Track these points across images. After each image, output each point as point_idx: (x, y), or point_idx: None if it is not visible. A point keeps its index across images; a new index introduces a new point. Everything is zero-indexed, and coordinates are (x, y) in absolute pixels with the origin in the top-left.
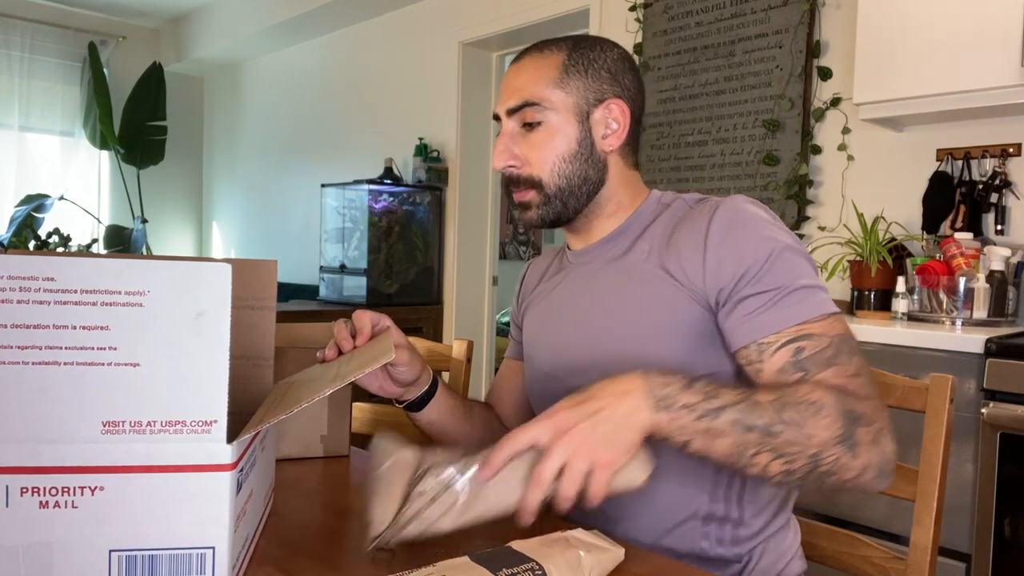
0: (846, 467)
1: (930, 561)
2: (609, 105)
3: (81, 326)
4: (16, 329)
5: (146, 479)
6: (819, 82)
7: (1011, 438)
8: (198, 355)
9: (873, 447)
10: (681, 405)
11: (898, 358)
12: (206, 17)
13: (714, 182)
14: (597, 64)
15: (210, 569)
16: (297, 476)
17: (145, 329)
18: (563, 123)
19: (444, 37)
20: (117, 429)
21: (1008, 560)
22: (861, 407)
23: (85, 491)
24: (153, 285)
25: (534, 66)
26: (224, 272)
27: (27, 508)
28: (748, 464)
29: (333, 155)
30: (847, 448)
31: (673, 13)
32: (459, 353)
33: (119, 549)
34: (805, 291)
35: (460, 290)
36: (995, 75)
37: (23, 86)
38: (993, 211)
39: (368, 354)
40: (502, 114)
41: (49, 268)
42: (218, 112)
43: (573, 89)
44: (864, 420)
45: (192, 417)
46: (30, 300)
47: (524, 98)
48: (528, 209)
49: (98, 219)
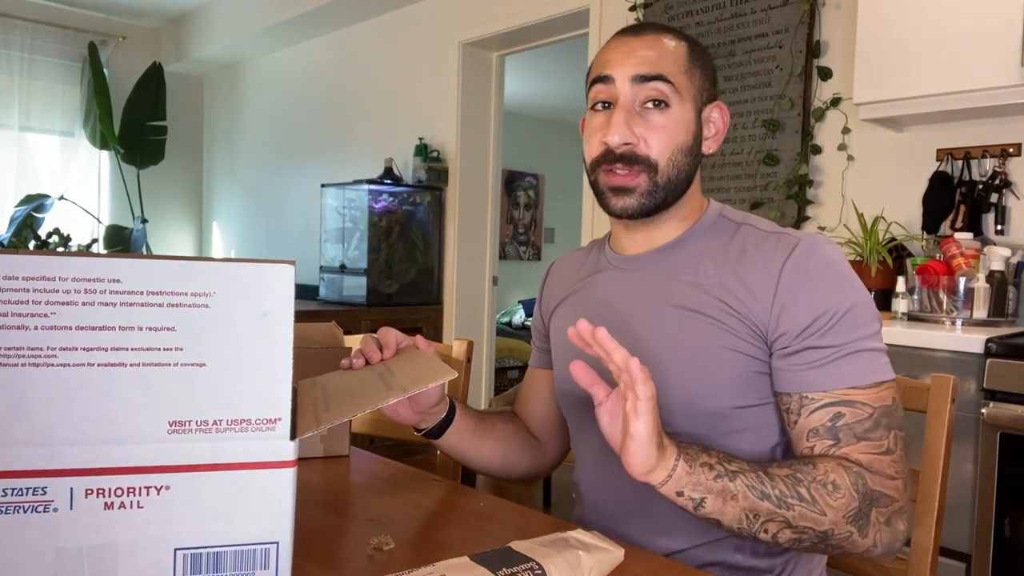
0: (855, 544)
1: (931, 561)
2: (717, 106)
3: (148, 327)
4: (81, 331)
5: (212, 477)
6: (819, 82)
7: (1011, 438)
8: (262, 355)
9: (885, 527)
10: (701, 462)
11: (898, 358)
12: (206, 17)
13: (714, 182)
14: (709, 66)
15: (274, 563)
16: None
17: (211, 330)
18: (687, 112)
19: (444, 37)
20: (183, 429)
21: (1008, 560)
22: (880, 486)
23: (151, 491)
24: (219, 286)
25: (663, 45)
26: (288, 273)
27: (92, 509)
28: (758, 531)
29: (333, 155)
30: (857, 528)
31: (673, 13)
32: (459, 353)
33: (184, 547)
34: (864, 354)
35: (460, 290)
36: (995, 75)
37: (23, 86)
38: (993, 211)
39: (424, 368)
40: (624, 80)
41: (115, 270)
42: (218, 112)
43: (696, 81)
44: (882, 501)
45: (257, 415)
46: (95, 302)
47: (660, 71)
48: (631, 194)
49: (98, 219)
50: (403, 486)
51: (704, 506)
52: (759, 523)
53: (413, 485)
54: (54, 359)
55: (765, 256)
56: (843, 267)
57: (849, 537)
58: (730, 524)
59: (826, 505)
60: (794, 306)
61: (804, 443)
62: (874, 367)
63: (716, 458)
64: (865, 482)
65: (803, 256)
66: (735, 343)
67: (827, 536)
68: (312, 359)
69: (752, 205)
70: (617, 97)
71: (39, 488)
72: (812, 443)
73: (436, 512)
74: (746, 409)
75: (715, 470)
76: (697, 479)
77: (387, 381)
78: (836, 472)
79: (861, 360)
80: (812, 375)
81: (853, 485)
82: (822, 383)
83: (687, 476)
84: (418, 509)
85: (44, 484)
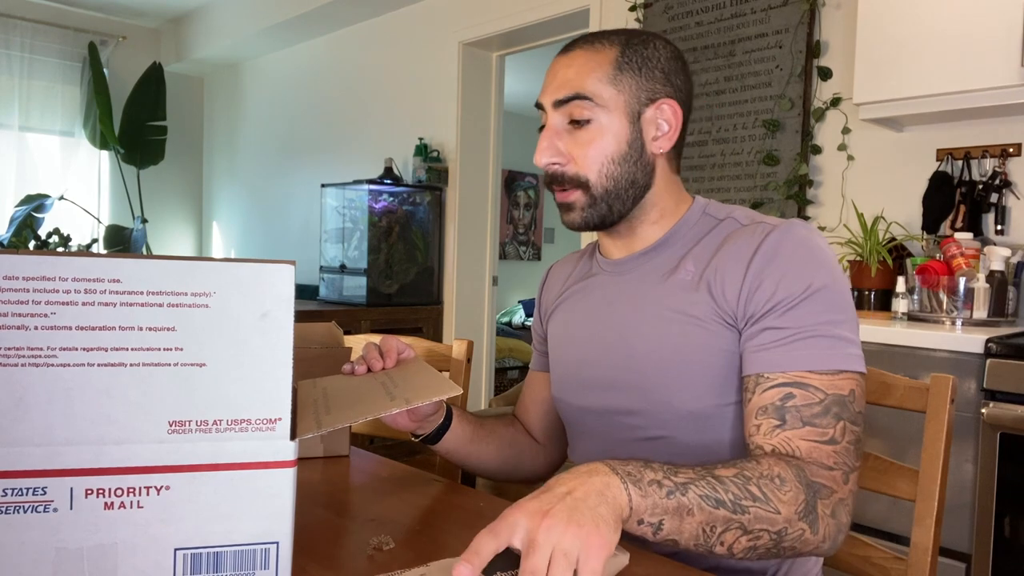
0: (807, 542)
1: (931, 561)
2: (661, 105)
3: (148, 327)
4: (81, 331)
5: (212, 477)
6: (819, 82)
7: (1011, 438)
8: (263, 355)
9: (831, 520)
10: (649, 480)
11: (898, 358)
12: (206, 17)
13: (714, 182)
14: (652, 62)
15: (274, 563)
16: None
17: (211, 330)
18: (613, 122)
19: (444, 37)
20: (183, 429)
21: (1008, 560)
22: (820, 478)
23: (151, 491)
24: (219, 286)
25: (586, 59)
26: (288, 273)
27: (92, 509)
28: (714, 544)
29: (333, 155)
30: (808, 523)
31: (673, 13)
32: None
33: (184, 547)
34: (828, 340)
35: (460, 290)
36: (995, 75)
37: (23, 86)
38: (993, 211)
39: (426, 381)
40: (547, 105)
41: (115, 270)
42: (218, 112)
43: (626, 87)
44: (823, 492)
45: (257, 415)
46: (95, 302)
47: (575, 90)
48: (572, 210)
49: (98, 219)
50: (403, 486)
51: (662, 529)
52: (716, 536)
53: (413, 485)
54: (54, 359)
55: (739, 246)
56: (817, 248)
57: (801, 536)
58: (687, 542)
59: (778, 501)
60: (760, 288)
61: (752, 421)
62: (837, 354)
63: (662, 472)
64: (805, 474)
65: (775, 239)
66: (715, 341)
67: (781, 537)
68: (312, 359)
69: (752, 205)
70: (546, 120)
71: (39, 488)
72: (760, 421)
73: (436, 512)
74: (729, 407)
75: (665, 486)
76: (652, 501)
77: (390, 390)
78: (779, 465)
79: (823, 345)
80: (771, 354)
81: (796, 477)
82: (779, 363)
83: (642, 501)
84: (418, 509)
85: (44, 484)
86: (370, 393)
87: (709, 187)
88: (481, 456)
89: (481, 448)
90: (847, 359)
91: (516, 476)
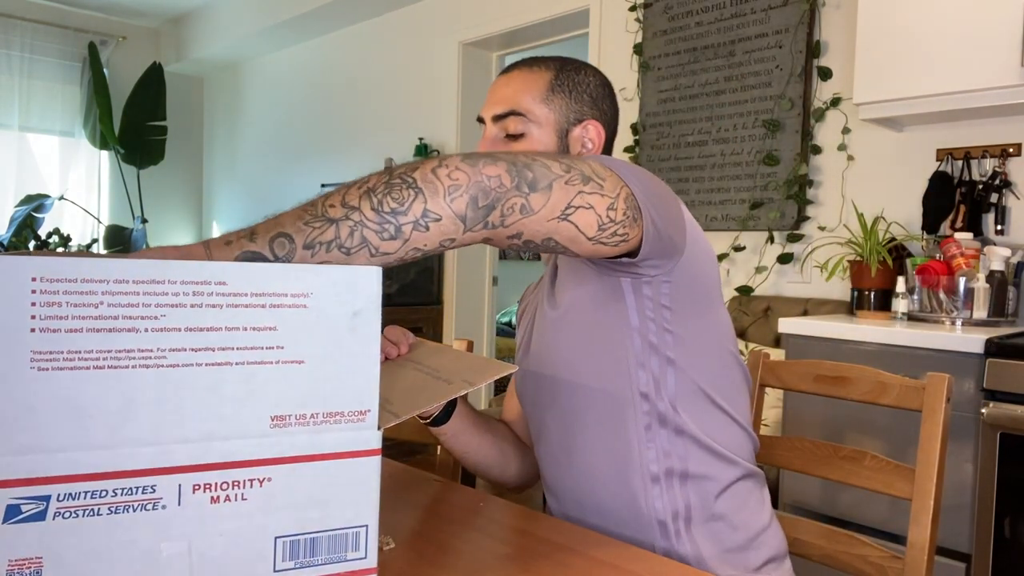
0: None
1: (927, 560)
2: (587, 125)
3: (251, 327)
4: (190, 332)
5: (310, 467)
6: (819, 82)
7: (1011, 438)
8: (354, 351)
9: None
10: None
11: (898, 358)
12: (206, 17)
13: (714, 182)
14: (581, 87)
15: (363, 545)
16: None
17: (309, 329)
18: (544, 137)
19: (444, 37)
20: (284, 423)
21: (1008, 560)
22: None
23: (254, 483)
24: (316, 288)
25: (523, 79)
26: (376, 275)
27: (199, 504)
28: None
29: (333, 155)
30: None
31: (673, 13)
32: None
33: (283, 535)
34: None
35: (460, 290)
36: (995, 75)
37: (23, 86)
38: (993, 211)
39: (472, 363)
40: (487, 119)
41: (221, 273)
42: (218, 112)
43: (557, 107)
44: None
45: (349, 408)
46: (203, 304)
47: (511, 107)
48: None
49: (98, 219)
50: (403, 486)
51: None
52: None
53: (413, 485)
54: (164, 360)
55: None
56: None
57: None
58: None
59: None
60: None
61: None
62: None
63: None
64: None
65: None
66: (615, 318)
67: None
68: None
69: (752, 205)
70: (484, 132)
71: (148, 487)
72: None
73: (436, 512)
74: (652, 381)
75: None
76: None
77: (435, 375)
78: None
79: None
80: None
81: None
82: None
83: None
84: (418, 509)
85: (153, 482)
86: (414, 380)
87: (709, 187)
88: (482, 444)
89: (483, 437)
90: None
91: (508, 473)
